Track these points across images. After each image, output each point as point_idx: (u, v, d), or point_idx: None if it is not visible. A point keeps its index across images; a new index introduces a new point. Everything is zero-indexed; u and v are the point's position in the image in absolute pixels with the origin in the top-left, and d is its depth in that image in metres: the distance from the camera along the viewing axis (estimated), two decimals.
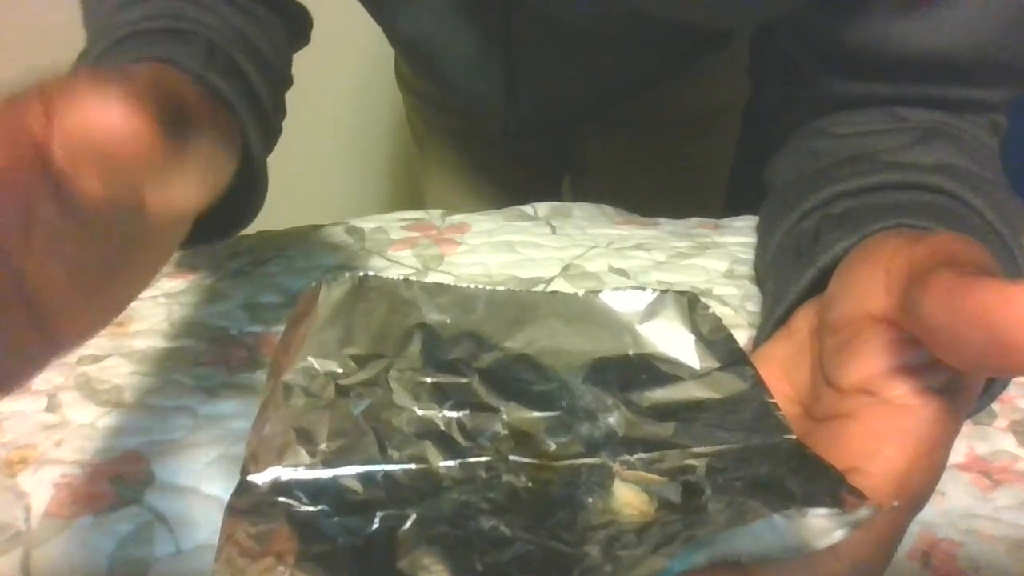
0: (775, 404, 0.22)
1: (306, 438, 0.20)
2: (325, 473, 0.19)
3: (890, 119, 0.36)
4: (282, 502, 0.18)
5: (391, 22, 0.54)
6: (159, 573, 0.25)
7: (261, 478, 0.19)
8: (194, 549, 0.26)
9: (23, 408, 0.31)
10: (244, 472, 0.19)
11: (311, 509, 0.18)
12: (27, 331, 0.18)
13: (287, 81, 0.44)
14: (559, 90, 0.57)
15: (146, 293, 0.40)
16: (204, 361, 0.35)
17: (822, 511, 0.16)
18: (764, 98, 0.45)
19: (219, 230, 0.35)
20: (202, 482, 0.28)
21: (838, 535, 0.16)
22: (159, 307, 0.39)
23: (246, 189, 0.36)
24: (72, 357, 0.34)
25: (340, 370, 0.22)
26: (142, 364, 0.34)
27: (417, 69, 0.67)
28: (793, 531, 0.16)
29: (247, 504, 0.18)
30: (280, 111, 0.42)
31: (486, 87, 0.56)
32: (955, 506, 0.28)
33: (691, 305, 0.25)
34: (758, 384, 0.23)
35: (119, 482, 0.28)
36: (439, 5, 0.48)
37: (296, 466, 0.19)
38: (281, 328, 0.37)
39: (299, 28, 0.46)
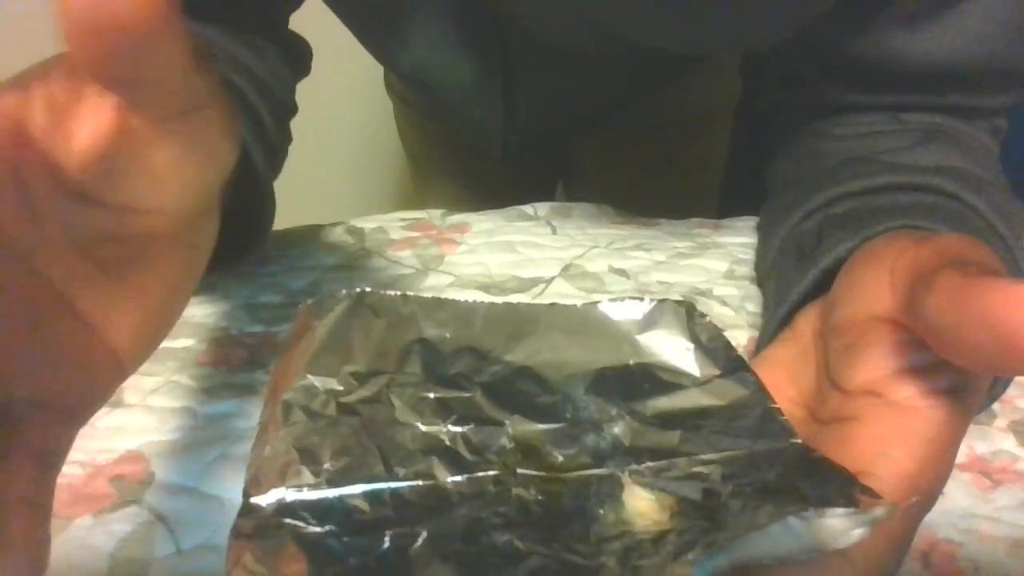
0: (778, 409, 0.22)
1: (309, 458, 0.19)
2: (330, 493, 0.19)
3: (891, 121, 0.36)
4: (288, 524, 0.18)
5: (389, 58, 0.54)
6: (159, 573, 0.25)
7: (265, 500, 0.18)
8: (194, 549, 0.26)
9: None
10: (247, 495, 0.18)
11: (318, 530, 0.17)
12: (81, 343, 0.18)
13: (291, 108, 0.44)
14: (557, 109, 0.57)
15: None
16: (204, 361, 0.35)
17: (839, 511, 0.16)
18: (760, 101, 0.45)
19: (231, 255, 0.35)
20: (202, 482, 0.28)
21: (857, 534, 0.16)
22: None
23: (254, 211, 0.36)
24: None
25: (341, 388, 0.22)
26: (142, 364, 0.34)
27: (416, 96, 0.67)
28: (811, 533, 0.16)
29: (252, 527, 0.17)
30: (285, 136, 0.42)
31: (486, 111, 0.56)
32: (955, 506, 0.28)
33: (689, 314, 0.25)
34: (760, 390, 0.23)
35: (119, 482, 0.28)
36: (437, 39, 0.49)
37: (300, 487, 0.19)
38: (281, 328, 0.37)
39: (299, 59, 0.47)
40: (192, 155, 0.19)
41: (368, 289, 0.25)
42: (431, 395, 0.22)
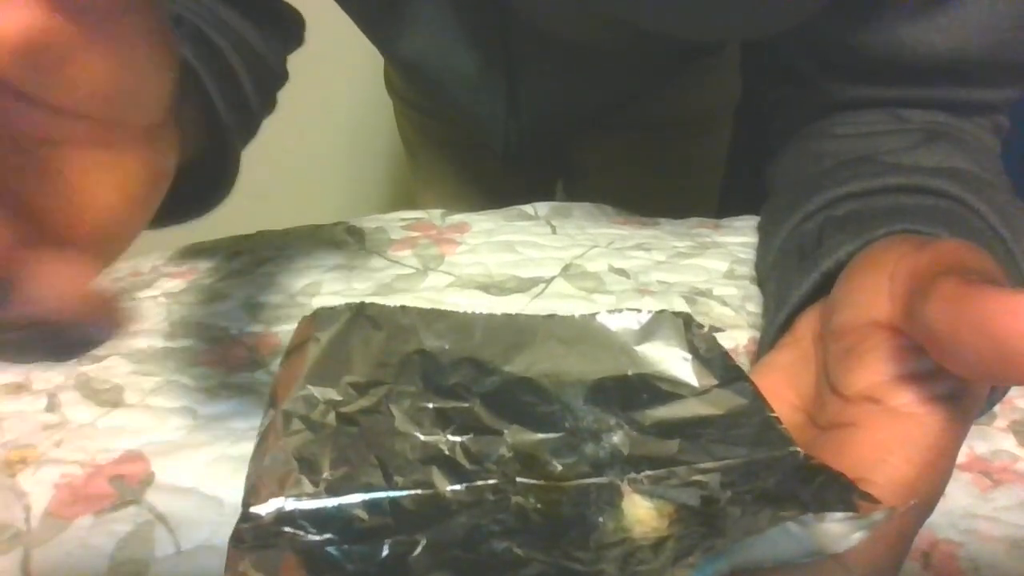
0: (776, 418, 0.22)
1: (308, 467, 0.19)
2: (330, 502, 0.19)
3: (892, 120, 0.36)
4: (287, 532, 0.18)
5: (390, 46, 0.54)
6: (159, 573, 0.25)
7: (264, 509, 0.18)
8: (194, 549, 0.26)
9: (23, 408, 0.31)
10: (246, 504, 0.18)
11: (317, 539, 0.17)
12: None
13: (278, 74, 0.43)
14: (559, 103, 0.57)
15: (146, 293, 0.40)
16: (204, 361, 0.35)
17: (838, 515, 0.16)
18: (761, 99, 0.45)
19: (193, 209, 0.34)
20: (202, 482, 0.28)
21: (856, 538, 0.16)
22: (159, 307, 0.39)
23: (218, 166, 0.35)
24: None
25: (340, 398, 0.22)
26: (142, 364, 0.34)
27: (417, 88, 0.67)
28: (810, 537, 0.16)
29: (251, 536, 0.18)
30: (264, 97, 0.41)
31: (487, 104, 0.56)
32: (955, 506, 0.28)
33: (686, 325, 0.26)
34: (758, 399, 0.23)
35: (119, 482, 0.28)
36: (438, 28, 0.48)
37: (299, 496, 0.19)
38: (281, 328, 0.37)
39: (291, 28, 0.46)
40: (126, 62, 0.18)
41: (368, 301, 0.25)
42: (430, 405, 0.22)
